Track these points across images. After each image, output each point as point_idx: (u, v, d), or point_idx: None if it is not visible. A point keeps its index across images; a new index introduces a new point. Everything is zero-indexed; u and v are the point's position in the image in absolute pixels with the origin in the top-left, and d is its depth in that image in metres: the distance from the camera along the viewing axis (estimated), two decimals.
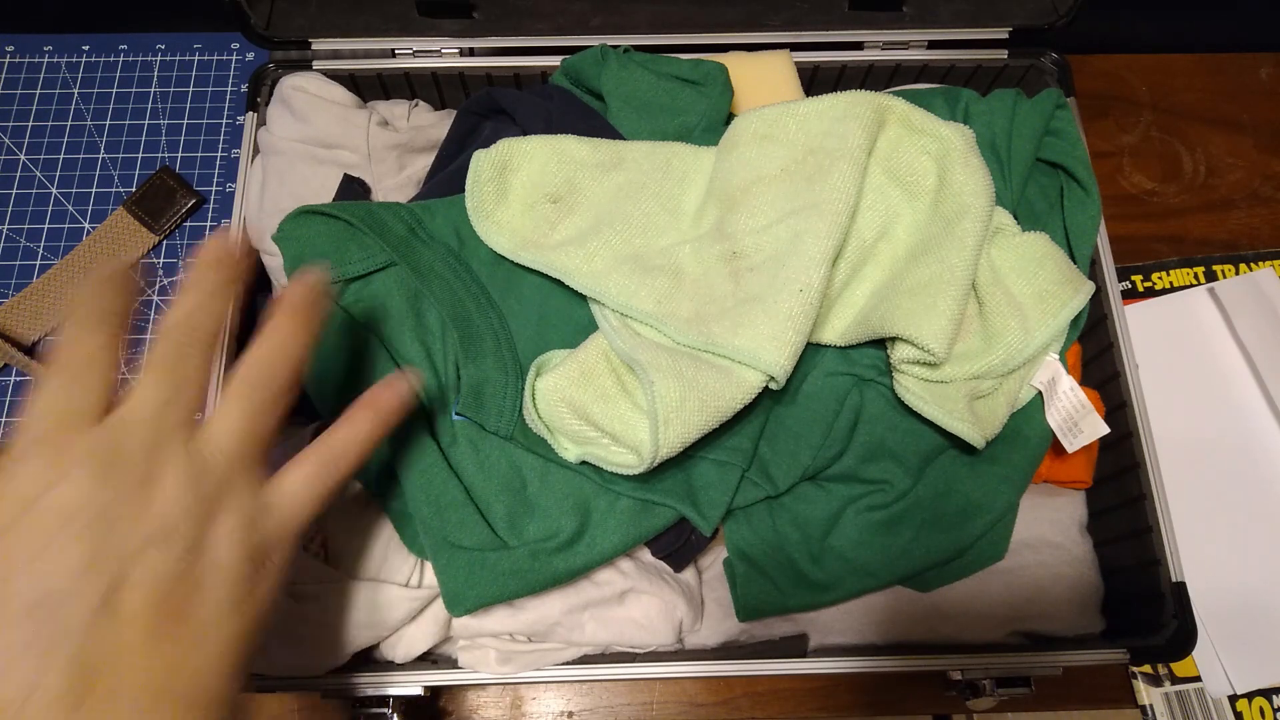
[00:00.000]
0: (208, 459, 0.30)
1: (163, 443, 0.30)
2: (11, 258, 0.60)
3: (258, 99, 0.53)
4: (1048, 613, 0.46)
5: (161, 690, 0.27)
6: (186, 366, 0.31)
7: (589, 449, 0.41)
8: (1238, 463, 0.57)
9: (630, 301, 0.42)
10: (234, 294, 0.34)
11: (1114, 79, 0.67)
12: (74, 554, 0.27)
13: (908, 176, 0.44)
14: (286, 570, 0.32)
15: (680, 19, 0.54)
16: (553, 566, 0.40)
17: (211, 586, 0.29)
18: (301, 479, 0.33)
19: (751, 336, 0.40)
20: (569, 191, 0.46)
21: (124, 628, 0.27)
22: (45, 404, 0.30)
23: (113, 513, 0.28)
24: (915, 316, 0.40)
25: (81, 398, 0.30)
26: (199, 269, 0.33)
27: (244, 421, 0.32)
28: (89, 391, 0.30)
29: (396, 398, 0.36)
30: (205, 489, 0.30)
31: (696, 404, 0.38)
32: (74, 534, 0.27)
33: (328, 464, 0.34)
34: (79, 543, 0.27)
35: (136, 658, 0.27)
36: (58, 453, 0.28)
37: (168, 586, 0.28)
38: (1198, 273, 0.62)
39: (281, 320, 0.34)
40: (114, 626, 0.27)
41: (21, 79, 0.65)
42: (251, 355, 0.33)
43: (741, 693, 0.52)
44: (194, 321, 0.32)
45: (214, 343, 0.33)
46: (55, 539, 0.27)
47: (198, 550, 0.29)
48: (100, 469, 0.28)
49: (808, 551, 0.44)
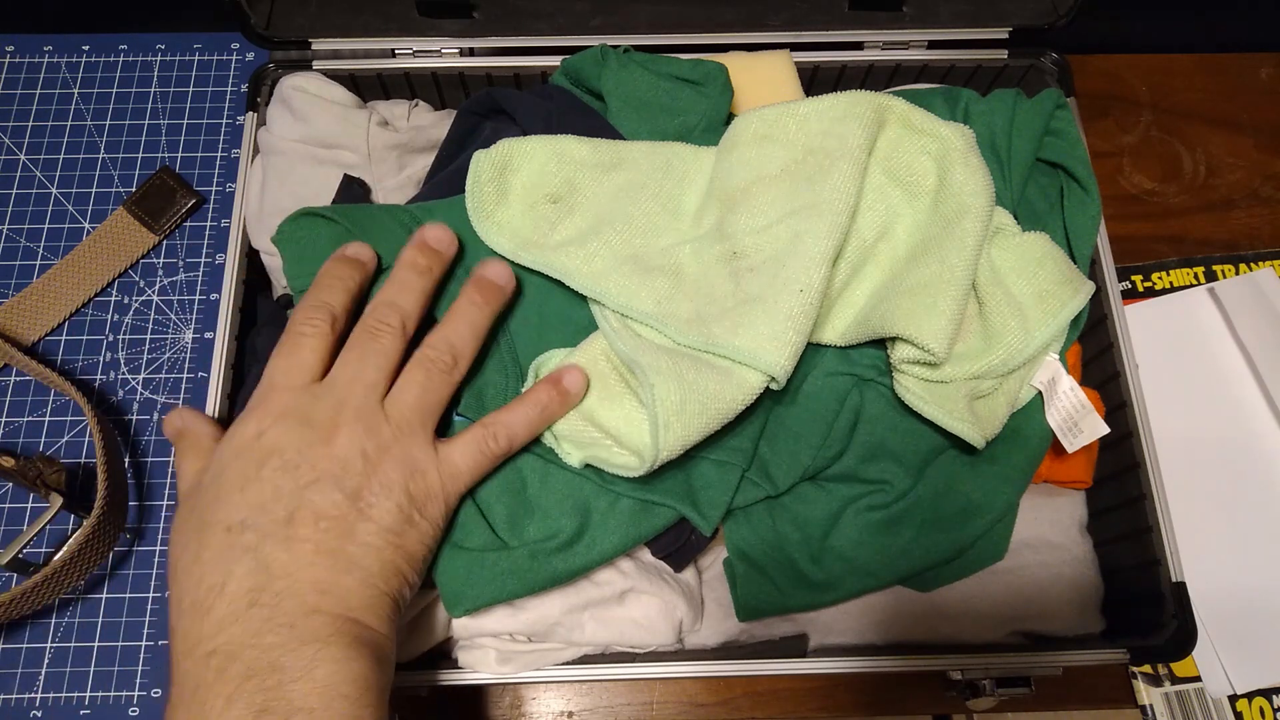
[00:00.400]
0: (384, 420, 0.37)
1: (349, 404, 0.37)
2: (11, 258, 0.60)
3: (258, 99, 0.53)
4: (1048, 613, 0.46)
5: (316, 602, 0.33)
6: (377, 345, 0.38)
7: (591, 451, 0.41)
8: (1238, 463, 0.57)
9: (630, 302, 0.42)
10: (432, 284, 0.41)
11: (1114, 79, 0.67)
12: (268, 486, 0.35)
13: (908, 176, 0.44)
14: (440, 526, 0.38)
15: (680, 19, 0.54)
16: (552, 567, 0.40)
17: (366, 524, 0.35)
18: (464, 445, 0.38)
19: (751, 337, 0.40)
20: (569, 192, 0.46)
21: (295, 546, 0.34)
22: (273, 366, 0.38)
23: (301, 456, 0.35)
24: (915, 316, 0.40)
25: (299, 364, 0.37)
26: (400, 261, 0.41)
27: (419, 390, 0.38)
28: (306, 358, 0.38)
29: (567, 389, 0.40)
30: (376, 443, 0.36)
31: (697, 407, 0.38)
32: (271, 470, 0.35)
33: (493, 436, 0.39)
34: (274, 477, 0.35)
35: (301, 571, 0.34)
36: (273, 406, 0.37)
37: (332, 518, 0.35)
38: (1198, 273, 0.62)
39: (464, 299, 0.40)
40: (287, 545, 0.34)
41: (21, 79, 0.65)
42: (438, 331, 0.40)
43: (741, 693, 0.52)
44: (388, 307, 0.39)
45: (406, 326, 0.39)
46: (259, 473, 0.35)
47: (358, 494, 0.35)
48: (299, 422, 0.36)
49: (808, 551, 0.44)
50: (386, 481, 0.36)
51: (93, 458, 0.51)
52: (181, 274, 0.60)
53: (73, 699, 0.51)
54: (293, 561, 0.34)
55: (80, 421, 0.57)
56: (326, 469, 0.35)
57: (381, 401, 0.37)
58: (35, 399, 0.57)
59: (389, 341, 0.38)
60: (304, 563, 0.34)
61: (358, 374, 0.37)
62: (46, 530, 0.50)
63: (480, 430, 0.39)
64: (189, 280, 0.60)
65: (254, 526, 0.34)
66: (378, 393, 0.37)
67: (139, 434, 0.56)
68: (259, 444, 0.35)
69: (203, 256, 0.61)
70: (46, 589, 0.48)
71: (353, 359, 0.38)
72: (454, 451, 0.38)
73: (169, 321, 0.59)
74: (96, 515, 0.49)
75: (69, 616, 0.53)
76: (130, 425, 0.57)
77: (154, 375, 0.58)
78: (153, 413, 0.57)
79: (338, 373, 0.38)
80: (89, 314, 0.59)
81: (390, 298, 0.39)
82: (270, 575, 0.33)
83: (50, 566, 0.48)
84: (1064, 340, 0.45)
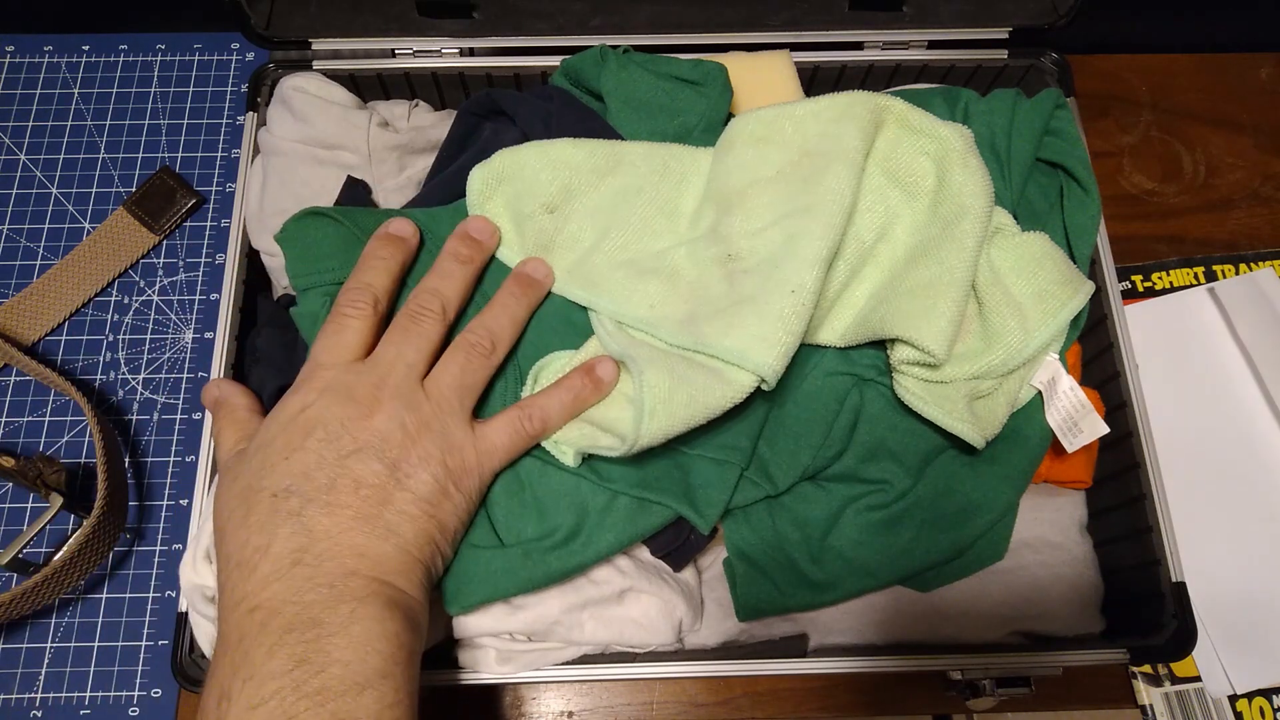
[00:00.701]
0: (423, 397, 0.39)
1: (389, 382, 0.38)
2: (11, 258, 0.60)
3: (258, 99, 0.53)
4: (1048, 613, 0.46)
5: (355, 565, 0.35)
6: (419, 328, 0.40)
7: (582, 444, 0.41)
8: (1238, 463, 0.57)
9: (623, 309, 0.43)
10: (473, 273, 0.43)
11: (1114, 79, 0.67)
12: (312, 455, 0.36)
13: (906, 177, 0.44)
14: (475, 500, 0.40)
15: (680, 19, 0.54)
16: (548, 564, 0.40)
17: (404, 493, 0.37)
18: (501, 424, 0.40)
19: (741, 337, 0.40)
20: (565, 199, 0.45)
21: (336, 511, 0.35)
22: (319, 345, 0.40)
23: (344, 428, 0.37)
24: (915, 318, 0.40)
25: (343, 343, 0.39)
26: (444, 251, 0.43)
27: (458, 370, 0.40)
28: (350, 339, 0.40)
29: (600, 378, 0.41)
30: (415, 418, 0.38)
31: (685, 398, 0.38)
32: (315, 440, 0.37)
33: (529, 417, 0.40)
34: (318, 447, 0.36)
35: (341, 535, 0.35)
36: (318, 382, 0.38)
37: (372, 486, 0.36)
38: (1198, 273, 0.62)
39: (504, 291, 0.43)
40: (328, 510, 0.35)
41: (21, 79, 0.65)
42: (478, 319, 0.42)
43: (741, 693, 0.52)
44: (431, 294, 0.41)
45: (447, 312, 0.41)
46: (304, 443, 0.37)
47: (396, 465, 0.37)
48: (342, 397, 0.38)
49: (808, 551, 0.44)
50: (424, 454, 0.38)
51: (93, 458, 0.51)
52: (181, 274, 0.60)
53: (73, 699, 0.51)
54: (334, 526, 0.35)
55: (80, 421, 0.57)
56: (367, 440, 0.37)
57: (421, 381, 0.39)
58: (35, 399, 0.57)
59: (430, 326, 0.40)
60: (344, 527, 0.35)
61: (399, 354, 0.39)
62: (46, 530, 0.50)
63: (517, 411, 0.40)
64: (189, 280, 0.60)
65: (298, 492, 0.36)
66: (417, 372, 0.39)
67: (139, 434, 0.56)
68: (304, 416, 0.37)
69: (203, 256, 0.61)
70: (46, 589, 0.48)
71: (395, 340, 0.40)
72: (490, 430, 0.40)
73: (169, 321, 0.59)
74: (96, 515, 0.49)
75: (69, 616, 0.53)
76: (130, 425, 0.57)
77: (154, 375, 0.58)
78: (153, 413, 0.57)
79: (380, 352, 0.40)
80: (89, 314, 0.59)
81: (433, 285, 0.42)
82: (312, 538, 0.35)
83: (50, 566, 0.48)
84: (1064, 340, 0.45)
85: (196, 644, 0.43)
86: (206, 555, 0.43)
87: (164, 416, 0.57)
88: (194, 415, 0.57)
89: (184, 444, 0.56)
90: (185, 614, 0.43)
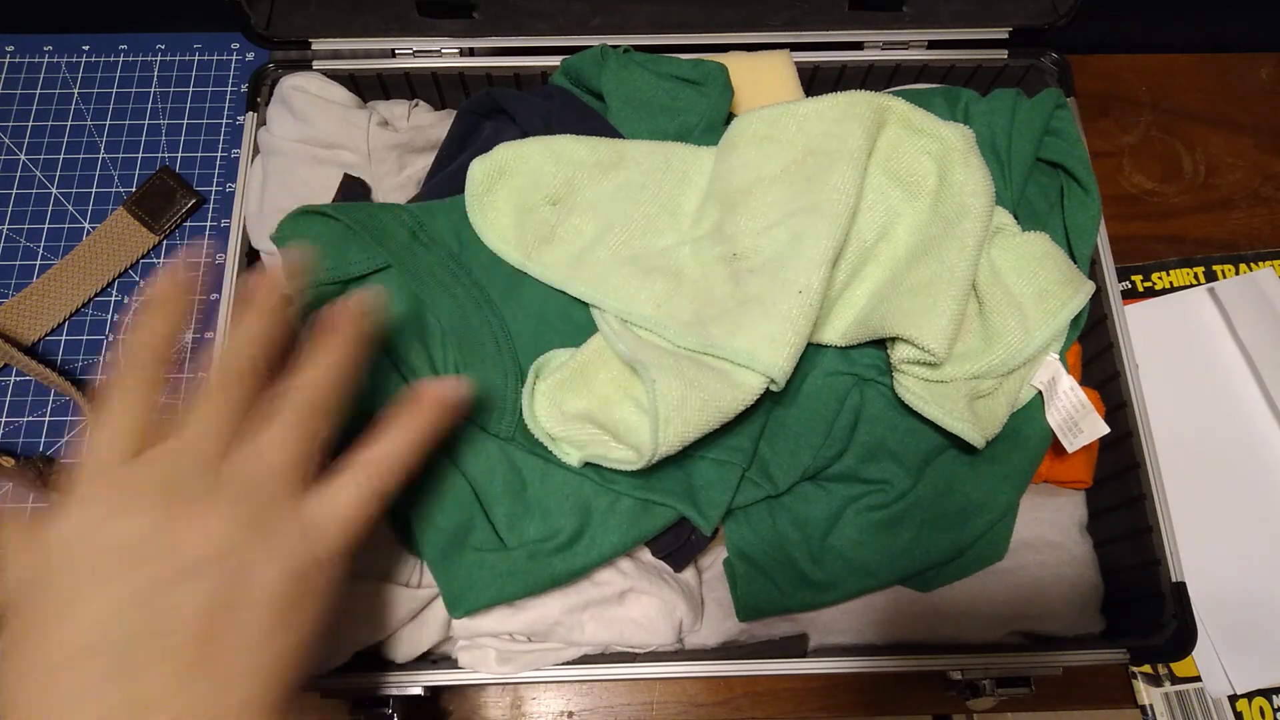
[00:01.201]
0: (255, 481, 0.31)
1: (209, 470, 0.30)
2: (11, 258, 0.60)
3: (258, 99, 0.53)
4: (1048, 613, 0.46)
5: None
6: (231, 395, 0.32)
7: (590, 450, 0.41)
8: (1238, 463, 0.57)
9: (629, 307, 0.42)
10: (276, 326, 0.34)
11: (1114, 79, 0.67)
12: (121, 591, 0.27)
13: (908, 177, 0.44)
14: (334, 591, 0.32)
15: (680, 19, 0.54)
16: (552, 567, 0.40)
17: (252, 611, 0.29)
18: (347, 497, 0.32)
19: (750, 338, 0.40)
20: (568, 193, 0.46)
21: (163, 665, 0.27)
22: (96, 441, 0.30)
23: (159, 547, 0.28)
24: (915, 317, 0.40)
25: (130, 433, 0.31)
26: (238, 309, 0.35)
27: (291, 443, 0.32)
28: (135, 427, 0.31)
29: (442, 403, 0.35)
30: (251, 511, 0.30)
31: (698, 403, 0.38)
32: (121, 571, 0.28)
33: (373, 478, 0.33)
34: (123, 580, 0.28)
35: (173, 699, 0.27)
36: (111, 489, 0.29)
37: (209, 617, 0.28)
38: (1198, 273, 0.62)
39: (328, 341, 0.34)
40: (155, 668, 0.27)
41: (21, 79, 0.65)
42: (300, 376, 0.33)
43: (741, 693, 0.52)
44: (236, 355, 0.33)
45: (258, 371, 0.33)
46: (106, 578, 0.28)
47: (239, 576, 0.29)
48: (150, 503, 0.29)
49: (808, 551, 0.44)
50: (267, 556, 0.30)
51: None
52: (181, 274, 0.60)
53: None
54: (162, 690, 0.27)
55: (80, 421, 0.57)
56: (194, 554, 0.29)
57: (246, 457, 0.31)
58: (35, 399, 0.57)
59: (240, 393, 0.33)
60: (172, 691, 0.27)
61: (211, 436, 0.31)
62: None
63: (361, 470, 0.33)
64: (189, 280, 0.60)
65: (103, 654, 0.27)
66: (237, 451, 0.32)
67: None
68: (103, 537, 0.29)
69: (203, 256, 0.61)
70: None
71: (199, 416, 0.32)
72: (337, 502, 0.32)
73: None
74: None
75: None
76: None
77: None
78: None
79: (187, 436, 0.31)
80: (89, 314, 0.59)
81: (230, 351, 0.34)
82: (142, 710, 0.27)
83: None
84: (1064, 340, 0.45)
85: None
86: None
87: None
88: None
89: None
90: None
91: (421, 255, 0.45)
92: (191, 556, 0.28)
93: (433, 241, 0.45)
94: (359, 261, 0.44)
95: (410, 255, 0.44)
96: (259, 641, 0.29)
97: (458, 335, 0.43)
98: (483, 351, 0.43)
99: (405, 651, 0.43)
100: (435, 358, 0.44)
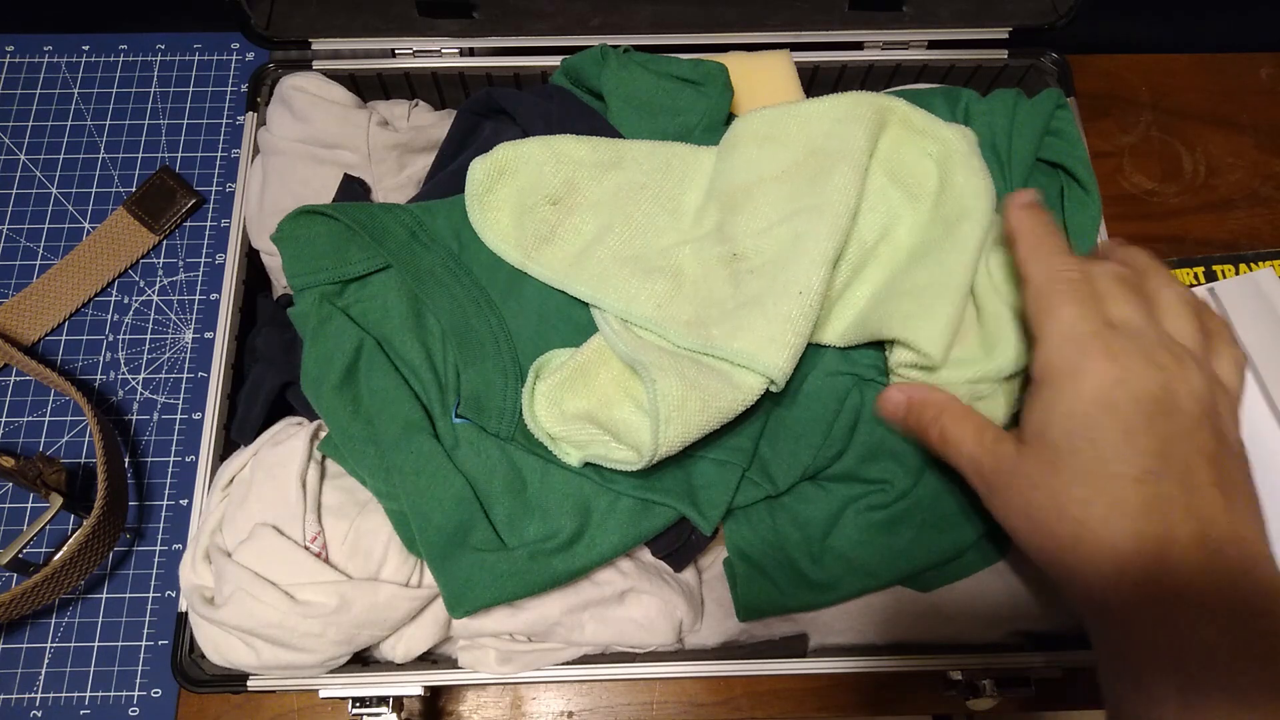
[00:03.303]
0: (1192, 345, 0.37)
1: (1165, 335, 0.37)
2: (11, 258, 0.60)
3: (258, 99, 0.53)
4: (1048, 613, 0.46)
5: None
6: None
7: (590, 450, 0.41)
8: None
9: (630, 307, 0.42)
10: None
11: (1114, 79, 0.67)
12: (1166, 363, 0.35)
13: (909, 178, 0.44)
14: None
15: (680, 19, 0.54)
16: (552, 567, 0.40)
17: (1232, 450, 0.37)
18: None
19: (750, 339, 0.40)
20: (568, 192, 0.46)
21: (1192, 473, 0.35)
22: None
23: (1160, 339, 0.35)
24: (912, 320, 0.40)
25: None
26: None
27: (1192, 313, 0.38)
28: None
29: None
30: (1198, 363, 0.37)
31: (698, 404, 0.38)
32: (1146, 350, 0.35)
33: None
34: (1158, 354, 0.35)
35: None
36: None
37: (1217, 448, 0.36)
38: (1198, 273, 0.62)
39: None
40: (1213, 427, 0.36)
41: (21, 79, 0.65)
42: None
43: (741, 693, 0.52)
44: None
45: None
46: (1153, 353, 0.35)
47: (1219, 421, 0.37)
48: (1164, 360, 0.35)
49: (808, 551, 0.44)
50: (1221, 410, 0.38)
51: (93, 458, 0.51)
52: (181, 274, 0.60)
53: (73, 699, 0.51)
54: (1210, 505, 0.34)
55: (80, 421, 0.57)
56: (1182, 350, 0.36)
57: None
58: (35, 399, 0.57)
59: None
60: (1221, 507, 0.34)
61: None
62: (46, 530, 0.50)
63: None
64: (189, 280, 0.60)
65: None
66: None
67: (139, 434, 0.56)
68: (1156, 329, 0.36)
69: (203, 256, 0.61)
70: (46, 589, 0.48)
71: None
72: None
73: (169, 321, 0.59)
74: (96, 515, 0.49)
75: (69, 616, 0.53)
76: (130, 425, 0.57)
77: (154, 375, 0.58)
78: (153, 413, 0.57)
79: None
80: (89, 314, 0.59)
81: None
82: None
83: (50, 566, 0.48)
84: None
85: (196, 644, 0.43)
86: (205, 556, 0.43)
87: (164, 416, 0.57)
88: (194, 415, 0.57)
89: (184, 444, 0.56)
90: (185, 614, 0.43)
91: (421, 255, 0.45)
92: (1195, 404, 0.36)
93: (433, 241, 0.45)
94: (359, 261, 0.44)
95: (410, 255, 0.44)
96: (1245, 476, 0.38)
97: (458, 335, 0.43)
98: (482, 351, 0.43)
99: (405, 651, 0.43)
100: (435, 356, 0.44)
